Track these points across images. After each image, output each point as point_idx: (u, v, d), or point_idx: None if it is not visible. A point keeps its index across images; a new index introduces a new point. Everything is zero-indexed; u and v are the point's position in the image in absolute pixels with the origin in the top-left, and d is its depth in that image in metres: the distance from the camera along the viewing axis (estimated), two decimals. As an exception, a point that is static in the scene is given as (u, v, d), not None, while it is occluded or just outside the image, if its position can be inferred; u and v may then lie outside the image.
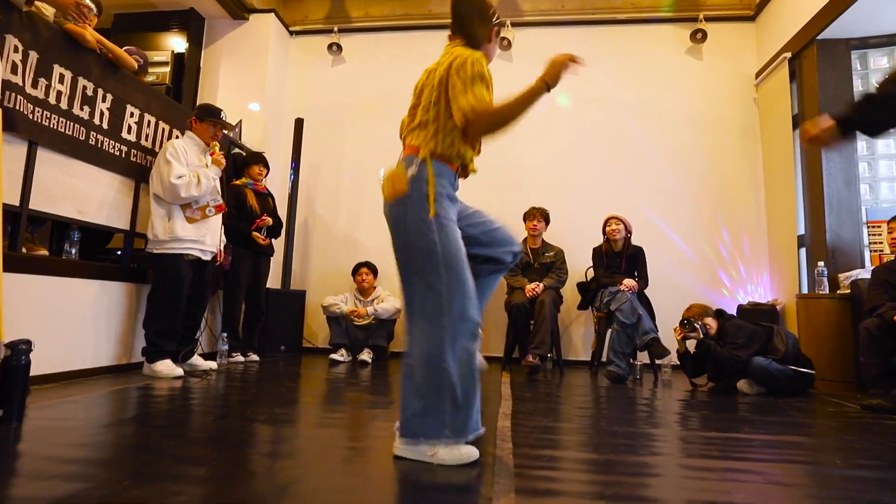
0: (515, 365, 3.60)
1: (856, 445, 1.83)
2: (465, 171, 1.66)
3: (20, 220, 2.39)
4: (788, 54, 3.86)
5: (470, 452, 1.43)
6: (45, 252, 2.63)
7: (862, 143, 3.71)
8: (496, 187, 4.48)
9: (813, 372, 2.91)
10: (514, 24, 4.63)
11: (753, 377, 2.91)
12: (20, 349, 1.78)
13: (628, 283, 3.51)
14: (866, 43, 3.65)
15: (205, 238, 2.95)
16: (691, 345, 3.15)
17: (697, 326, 3.05)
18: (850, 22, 3.41)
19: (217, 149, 3.03)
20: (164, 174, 2.79)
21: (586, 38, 4.65)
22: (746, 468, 1.54)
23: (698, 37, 4.39)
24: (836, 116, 1.69)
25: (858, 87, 3.70)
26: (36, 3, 2.42)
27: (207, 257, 3.01)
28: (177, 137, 3.23)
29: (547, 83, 1.49)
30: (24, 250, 2.46)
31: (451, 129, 1.52)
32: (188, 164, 2.89)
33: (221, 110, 3.08)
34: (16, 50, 2.30)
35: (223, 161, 3.03)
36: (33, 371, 1.86)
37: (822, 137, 1.71)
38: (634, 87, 4.53)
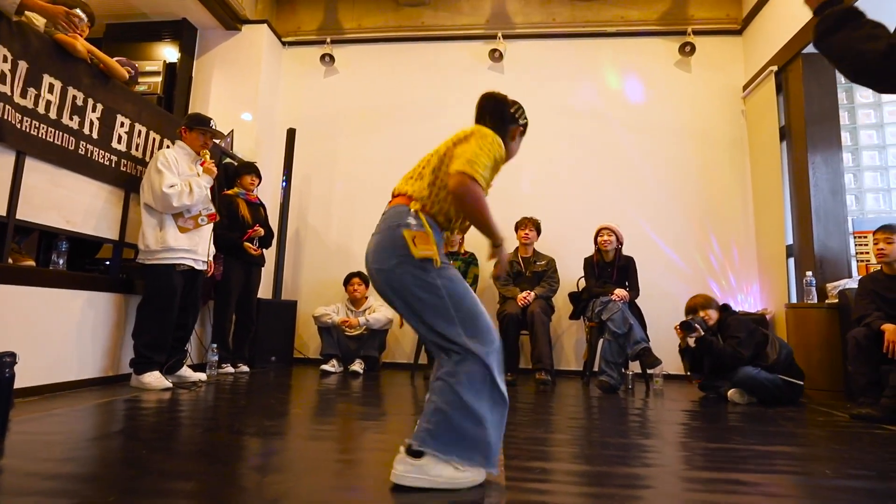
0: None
1: (846, 455, 1.84)
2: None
3: (7, 230, 2.36)
4: (775, 67, 3.93)
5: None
6: (31, 263, 2.61)
7: (847, 154, 3.78)
8: (488, 198, 4.50)
9: (801, 383, 2.93)
10: (505, 37, 4.69)
11: (742, 386, 2.92)
12: (4, 361, 1.75)
13: (619, 293, 3.52)
14: (850, 57, 3.73)
15: (197, 247, 2.93)
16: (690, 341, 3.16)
17: (697, 326, 3.04)
18: (834, 36, 3.47)
19: (208, 157, 3.02)
20: (156, 184, 2.77)
21: (577, 50, 4.71)
22: (737, 479, 1.54)
23: (687, 50, 4.47)
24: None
25: (843, 99, 3.78)
26: (26, 12, 2.42)
27: (200, 267, 2.99)
28: (167, 147, 3.21)
29: (496, 245, 1.51)
30: (10, 261, 2.43)
31: (446, 192, 1.46)
32: (179, 173, 2.87)
33: (211, 119, 3.07)
34: (5, 60, 2.29)
35: (214, 170, 3.03)
36: (18, 383, 1.83)
37: None
38: (624, 99, 4.58)
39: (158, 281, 2.80)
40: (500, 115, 1.67)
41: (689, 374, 3.21)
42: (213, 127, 3.05)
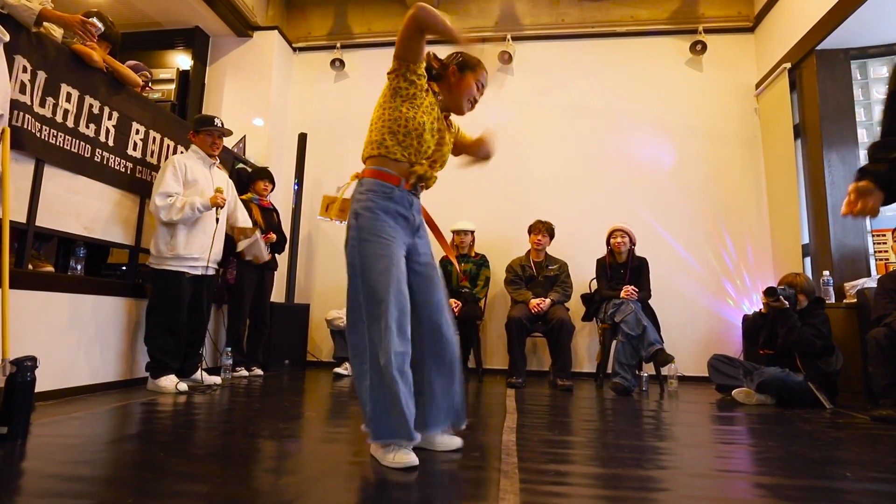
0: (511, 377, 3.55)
1: (866, 458, 1.80)
2: (421, 181, 1.68)
3: (27, 236, 2.41)
4: (788, 64, 3.88)
5: (407, 459, 1.48)
6: (51, 268, 2.65)
7: (862, 152, 3.71)
8: (500, 199, 4.51)
9: (829, 406, 2.83)
10: (514, 39, 4.69)
11: (768, 387, 2.87)
12: (25, 366, 1.78)
13: (628, 290, 3.50)
14: (866, 52, 3.68)
15: (206, 255, 2.95)
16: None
17: (781, 297, 2.95)
18: (848, 32, 3.43)
19: (223, 191, 2.99)
20: (154, 189, 2.82)
21: (586, 51, 4.70)
22: (755, 481, 1.52)
23: (698, 48, 4.43)
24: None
25: (859, 96, 3.72)
26: (44, 24, 2.47)
27: (209, 272, 3.02)
28: (181, 153, 3.26)
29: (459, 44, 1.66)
30: (30, 267, 2.47)
31: (380, 129, 1.67)
32: (189, 179, 2.89)
33: (215, 118, 3.07)
34: (24, 70, 2.34)
35: (218, 203, 2.93)
36: (38, 387, 1.86)
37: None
38: (636, 100, 4.56)
39: (167, 286, 2.83)
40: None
41: (760, 349, 3.15)
42: (219, 125, 3.05)
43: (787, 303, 2.94)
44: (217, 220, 2.99)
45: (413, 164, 1.65)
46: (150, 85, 3.50)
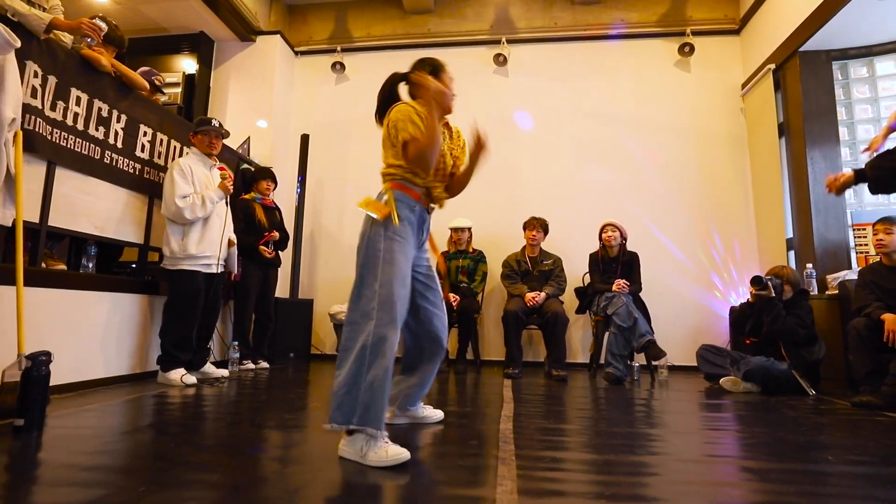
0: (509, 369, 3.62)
1: (847, 442, 1.85)
2: (431, 198, 1.88)
3: (40, 236, 2.48)
4: (773, 66, 3.98)
5: (398, 452, 1.48)
6: (63, 267, 2.71)
7: (845, 149, 3.82)
8: (496, 197, 4.59)
9: (812, 392, 2.91)
10: (509, 42, 4.77)
11: (753, 376, 2.95)
12: (40, 360, 1.83)
13: (619, 283, 3.59)
14: (846, 54, 3.78)
15: (216, 253, 3.03)
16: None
17: (770, 285, 3.01)
18: (830, 34, 3.53)
19: (227, 175, 3.10)
20: (168, 195, 2.87)
21: (578, 53, 4.79)
22: (741, 466, 1.57)
23: (686, 50, 4.52)
24: (855, 171, 2.33)
25: (840, 95, 3.83)
26: (54, 30, 2.54)
27: (219, 270, 3.09)
28: (181, 155, 3.31)
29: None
30: (43, 265, 2.54)
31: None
32: (194, 181, 2.96)
33: (213, 119, 3.13)
34: (35, 75, 2.40)
35: (229, 188, 3.07)
36: (52, 381, 1.90)
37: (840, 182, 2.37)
38: (627, 100, 4.64)
39: (182, 285, 2.90)
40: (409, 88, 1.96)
41: (746, 337, 3.24)
42: (216, 125, 3.10)
43: (773, 291, 3.02)
44: (227, 204, 3.07)
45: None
46: (162, 91, 3.58)
